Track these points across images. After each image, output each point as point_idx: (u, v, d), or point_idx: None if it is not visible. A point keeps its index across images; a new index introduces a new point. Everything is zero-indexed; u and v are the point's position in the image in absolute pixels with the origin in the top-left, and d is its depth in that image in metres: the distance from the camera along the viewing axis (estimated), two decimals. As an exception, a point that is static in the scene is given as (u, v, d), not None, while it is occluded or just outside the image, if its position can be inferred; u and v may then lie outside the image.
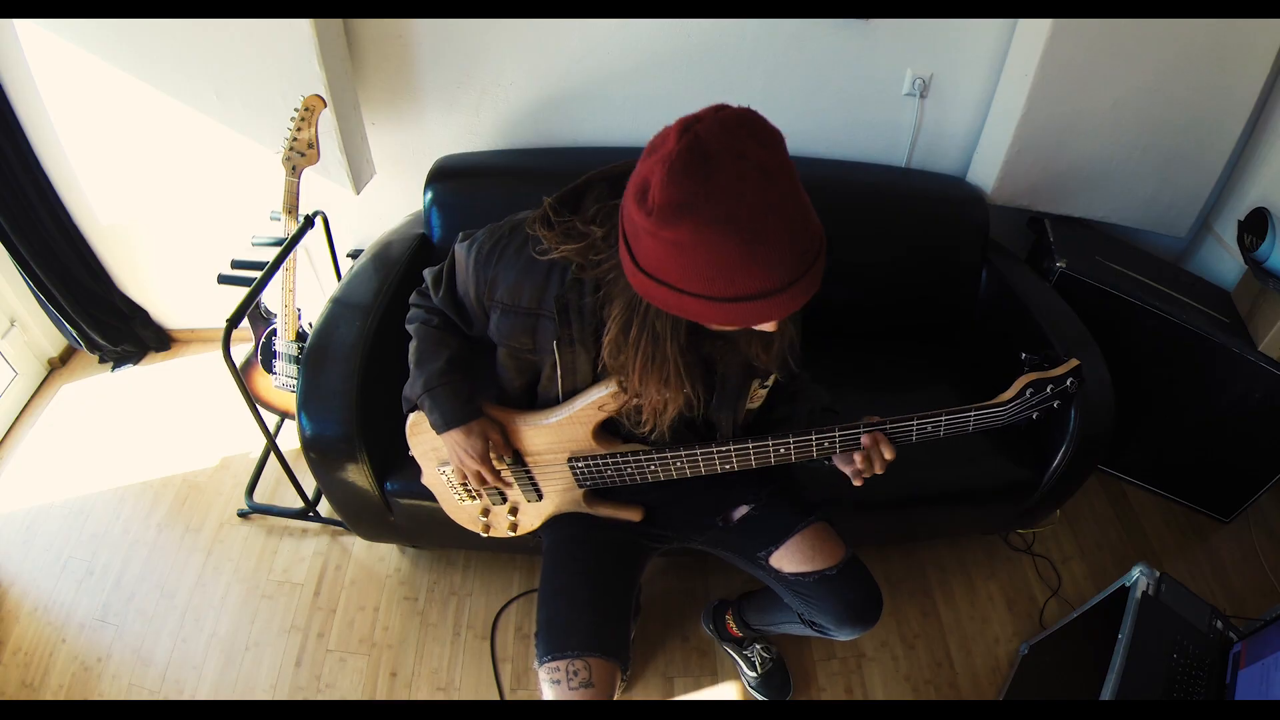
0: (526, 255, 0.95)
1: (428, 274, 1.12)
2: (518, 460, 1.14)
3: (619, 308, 0.88)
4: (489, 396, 1.13)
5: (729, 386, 1.04)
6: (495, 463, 1.13)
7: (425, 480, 1.26)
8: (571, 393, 1.05)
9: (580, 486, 1.16)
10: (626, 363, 0.91)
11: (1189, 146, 1.80)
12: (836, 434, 1.01)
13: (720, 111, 0.70)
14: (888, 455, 1.01)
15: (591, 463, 1.10)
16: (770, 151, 0.69)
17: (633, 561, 1.21)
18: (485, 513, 1.25)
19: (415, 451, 1.22)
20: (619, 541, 1.20)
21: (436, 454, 1.19)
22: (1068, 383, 0.99)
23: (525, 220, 0.96)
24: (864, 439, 1.01)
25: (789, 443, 1.02)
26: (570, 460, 1.11)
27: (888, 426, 1.01)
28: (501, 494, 1.20)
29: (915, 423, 1.00)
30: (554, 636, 1.08)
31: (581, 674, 1.04)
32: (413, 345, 1.12)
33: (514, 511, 1.23)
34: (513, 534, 1.26)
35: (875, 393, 1.74)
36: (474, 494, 1.22)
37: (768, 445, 1.02)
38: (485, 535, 1.27)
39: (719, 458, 1.05)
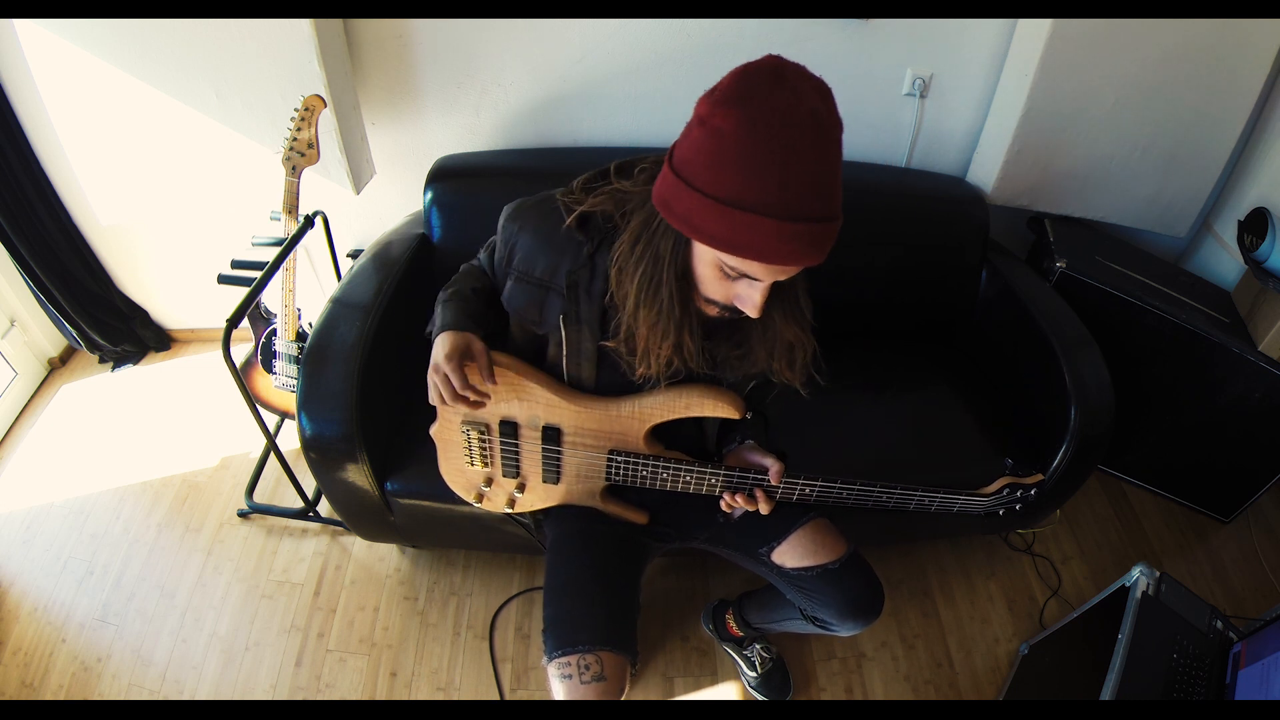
0: (548, 227, 0.97)
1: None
2: (552, 439, 1.11)
3: (633, 227, 0.90)
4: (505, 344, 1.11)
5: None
6: (528, 431, 1.11)
7: (434, 430, 1.18)
8: (576, 373, 1.05)
9: (606, 480, 1.15)
10: (627, 287, 0.91)
11: (1189, 146, 1.80)
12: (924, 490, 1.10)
13: (807, 70, 0.76)
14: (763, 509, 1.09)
15: (631, 460, 1.10)
16: (828, 115, 0.74)
17: (636, 558, 1.21)
18: (488, 482, 1.20)
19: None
20: (622, 537, 1.20)
21: (466, 408, 1.11)
22: (1031, 491, 1.14)
23: (555, 193, 0.99)
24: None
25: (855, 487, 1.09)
26: (611, 453, 1.10)
27: (898, 492, 1.10)
28: (516, 467, 1.17)
29: (920, 492, 1.10)
30: (563, 631, 1.07)
31: (594, 667, 1.03)
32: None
33: (520, 489, 1.20)
34: (509, 510, 1.23)
35: (875, 393, 1.75)
36: (486, 460, 1.17)
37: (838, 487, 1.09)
38: (477, 505, 1.23)
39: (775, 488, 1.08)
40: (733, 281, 0.85)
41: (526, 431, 1.11)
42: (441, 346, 0.99)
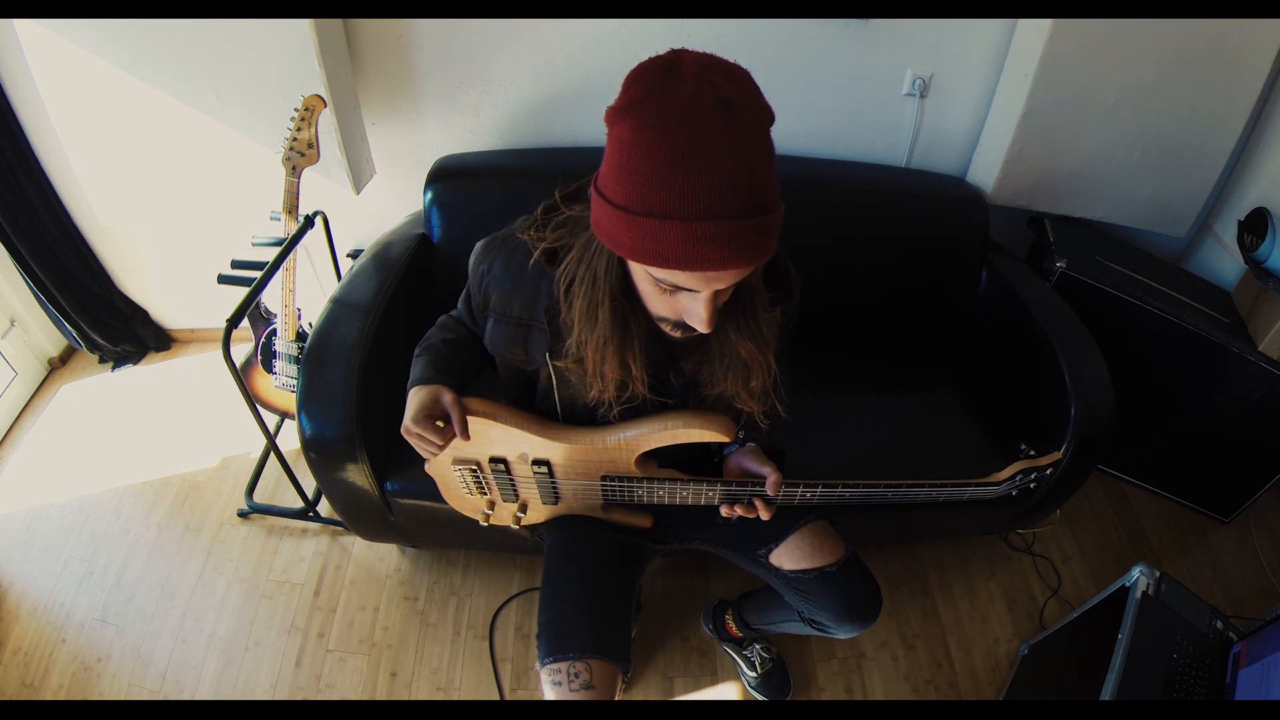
0: (516, 265, 0.96)
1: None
2: (544, 470, 1.12)
3: (577, 247, 0.88)
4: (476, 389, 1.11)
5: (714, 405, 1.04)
6: (518, 465, 1.11)
7: (428, 469, 1.20)
8: (570, 402, 1.04)
9: (604, 500, 1.15)
10: (575, 312, 0.89)
11: (1189, 146, 1.80)
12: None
13: (717, 57, 0.71)
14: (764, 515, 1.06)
15: (625, 484, 1.10)
16: (741, 103, 0.68)
17: (634, 562, 1.21)
18: (491, 506, 1.23)
19: None
20: (621, 543, 1.20)
21: (454, 450, 1.15)
22: (1048, 471, 1.12)
23: (516, 228, 0.97)
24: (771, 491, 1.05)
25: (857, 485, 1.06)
26: (603, 479, 1.10)
27: (904, 487, 1.07)
28: (514, 494, 1.18)
29: (927, 487, 1.09)
30: (555, 638, 1.08)
31: (582, 675, 1.04)
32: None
33: (523, 509, 1.21)
34: (515, 527, 1.25)
35: (875, 393, 1.75)
36: (484, 490, 1.20)
37: (838, 487, 1.06)
38: (486, 525, 1.25)
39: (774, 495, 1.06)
40: (674, 296, 0.80)
41: (517, 465, 1.12)
42: (409, 408, 1.00)
